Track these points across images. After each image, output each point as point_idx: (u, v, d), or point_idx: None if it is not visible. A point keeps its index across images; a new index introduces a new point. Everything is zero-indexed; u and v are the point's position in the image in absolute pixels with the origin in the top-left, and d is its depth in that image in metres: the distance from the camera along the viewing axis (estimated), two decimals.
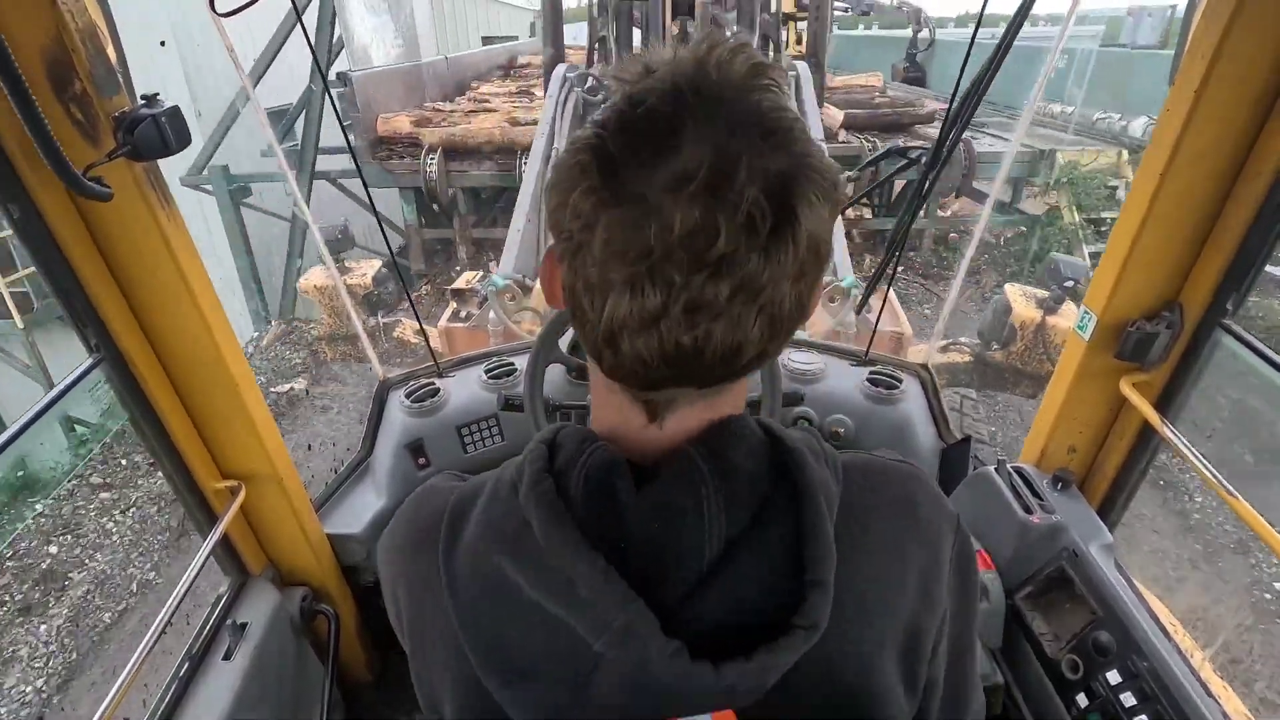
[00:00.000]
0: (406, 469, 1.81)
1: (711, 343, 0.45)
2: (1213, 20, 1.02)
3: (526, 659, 0.53)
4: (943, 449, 1.81)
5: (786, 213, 0.42)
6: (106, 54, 0.96)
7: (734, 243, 0.41)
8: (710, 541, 0.50)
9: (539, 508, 0.51)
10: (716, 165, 0.41)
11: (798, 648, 0.50)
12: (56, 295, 1.03)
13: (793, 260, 0.43)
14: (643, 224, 0.41)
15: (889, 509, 0.59)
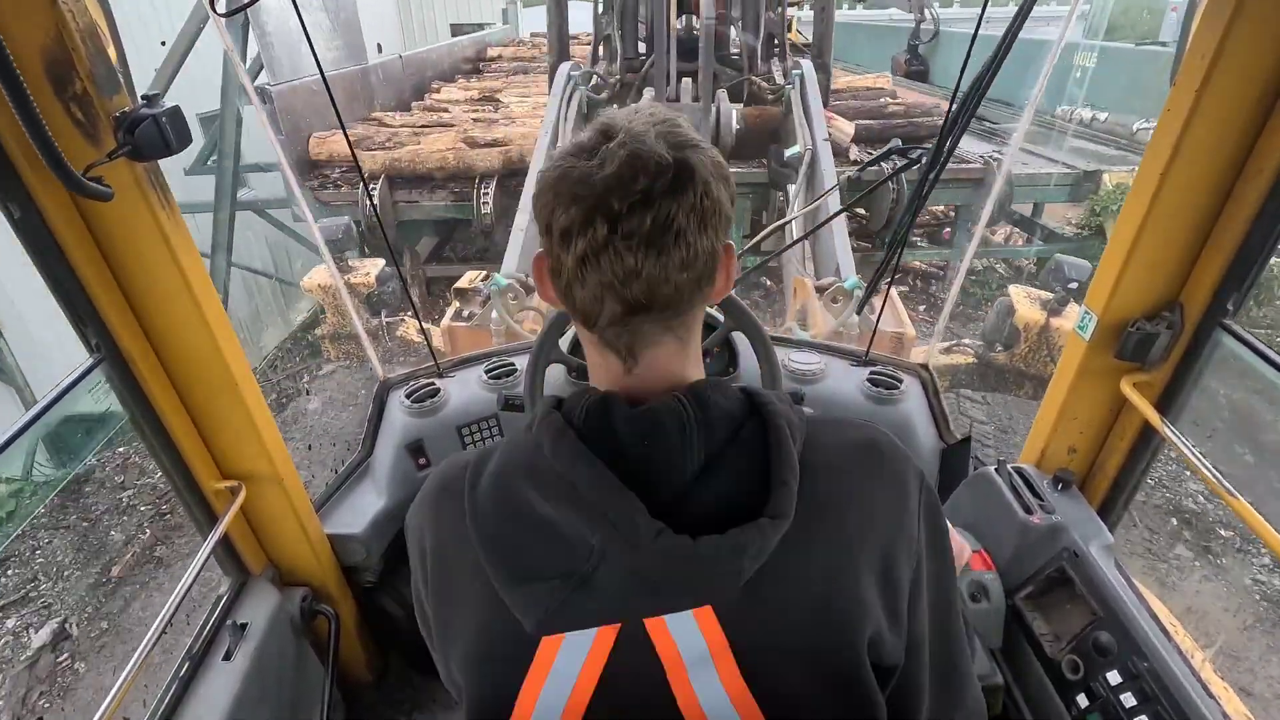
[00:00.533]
0: (406, 469, 1.81)
1: (646, 264, 0.59)
2: (1213, 20, 1.02)
3: (536, 563, 0.62)
4: (943, 449, 1.81)
5: (685, 166, 0.59)
6: (107, 54, 0.96)
7: (649, 180, 0.58)
8: (691, 457, 0.62)
9: (549, 432, 0.63)
10: (636, 136, 0.59)
11: (765, 532, 0.59)
12: (57, 295, 1.02)
13: (694, 202, 0.59)
14: (588, 177, 0.59)
15: (851, 445, 0.71)
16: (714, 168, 0.62)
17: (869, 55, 14.20)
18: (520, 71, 11.70)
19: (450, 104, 9.13)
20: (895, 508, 0.68)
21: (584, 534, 0.60)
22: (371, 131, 7.41)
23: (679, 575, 0.59)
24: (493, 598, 0.64)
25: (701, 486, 0.62)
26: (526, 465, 0.64)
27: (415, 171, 6.62)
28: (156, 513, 4.86)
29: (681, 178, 0.59)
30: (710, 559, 0.58)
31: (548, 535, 0.62)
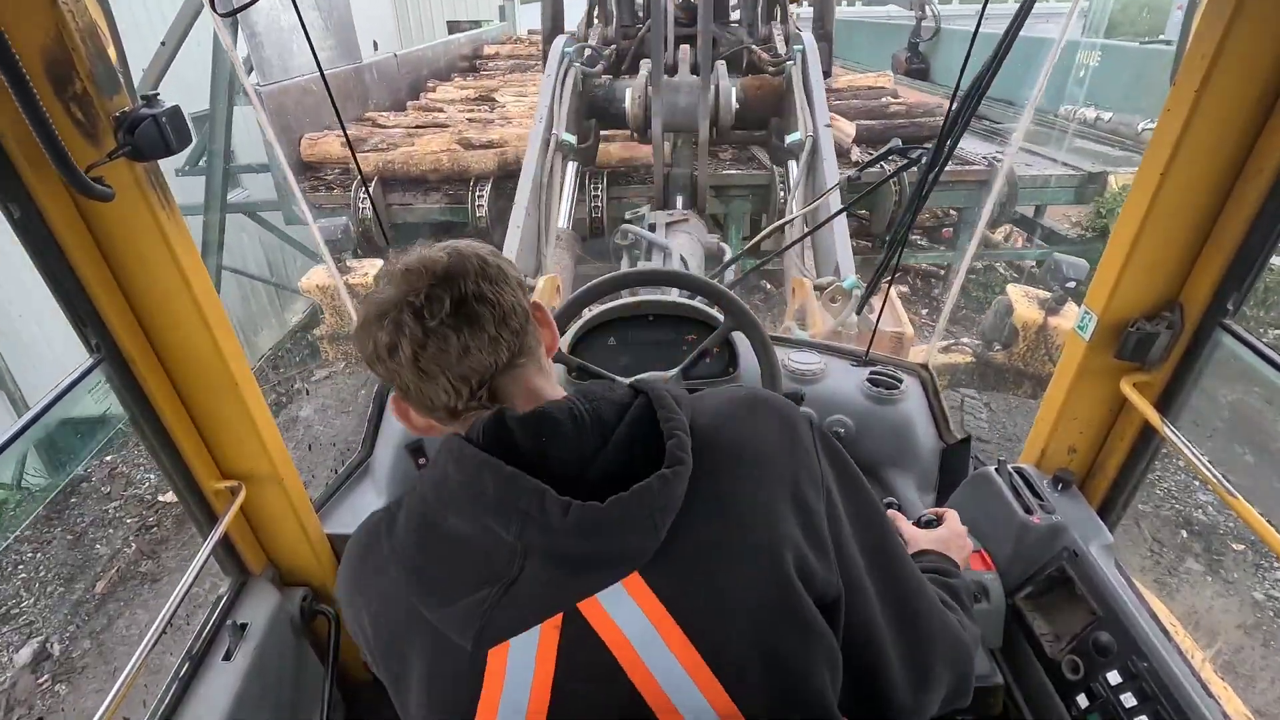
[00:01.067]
0: (407, 469, 1.81)
1: (469, 341, 0.67)
2: (1213, 20, 1.02)
3: (461, 580, 0.64)
4: (943, 449, 1.81)
5: (454, 257, 0.70)
6: (107, 53, 0.96)
7: (430, 279, 0.68)
8: (586, 439, 0.66)
9: (450, 453, 0.66)
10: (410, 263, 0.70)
11: (670, 482, 0.62)
12: (57, 295, 1.02)
13: (474, 282, 0.68)
14: (381, 296, 0.69)
15: (734, 400, 0.76)
16: (492, 278, 0.70)
17: (868, 53, 13.88)
18: (517, 70, 11.52)
19: (445, 103, 8.97)
20: (788, 443, 0.72)
21: (501, 536, 0.62)
22: (365, 132, 7.26)
23: (596, 543, 0.61)
24: (433, 632, 0.65)
25: (600, 461, 0.65)
26: (435, 493, 0.67)
27: (409, 174, 6.50)
28: (143, 525, 4.78)
29: (451, 267, 0.68)
30: (621, 519, 0.60)
31: (467, 551, 0.64)
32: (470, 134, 6.85)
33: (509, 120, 7.70)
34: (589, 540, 0.60)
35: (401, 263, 0.69)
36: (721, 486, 0.66)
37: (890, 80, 9.73)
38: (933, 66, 12.16)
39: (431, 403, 0.70)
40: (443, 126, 7.49)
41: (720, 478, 0.67)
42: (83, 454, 5.29)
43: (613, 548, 0.61)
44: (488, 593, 0.62)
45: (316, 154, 6.83)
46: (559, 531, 0.60)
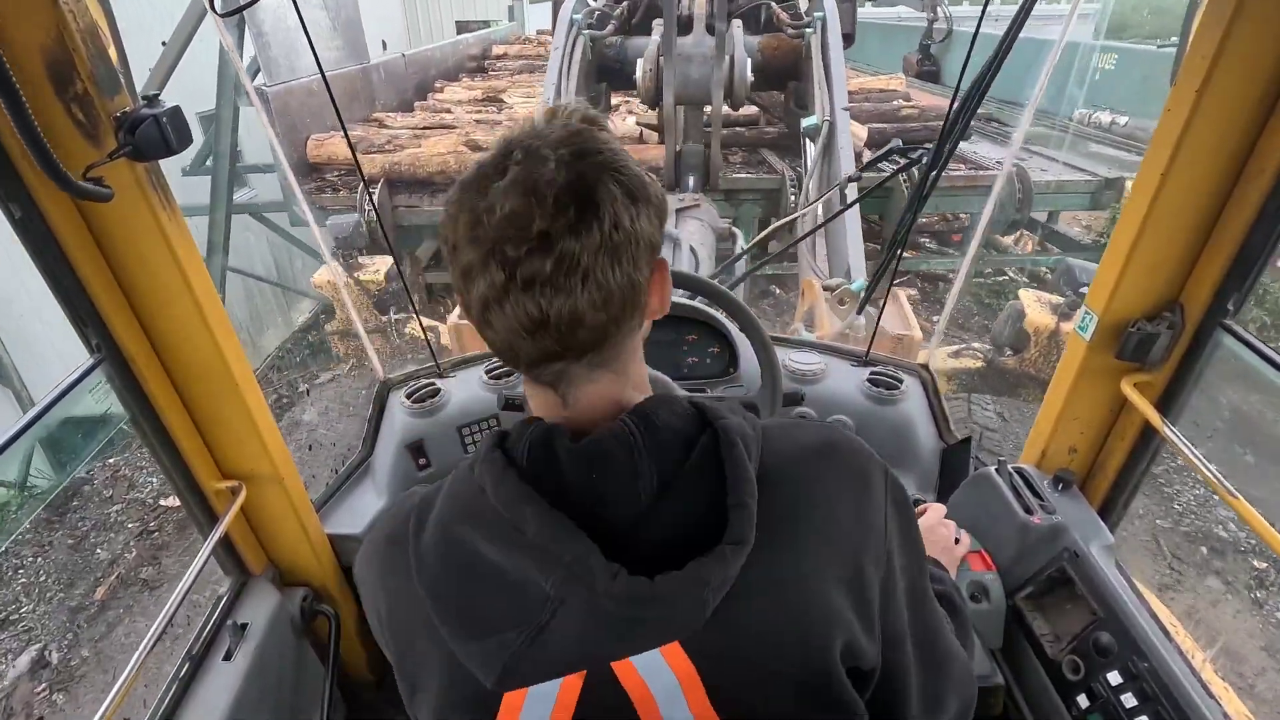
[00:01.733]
0: (407, 469, 1.81)
1: (553, 310, 0.54)
2: (1213, 20, 1.02)
3: (488, 616, 0.58)
4: (943, 449, 1.81)
5: (589, 200, 0.53)
6: (108, 54, 0.96)
7: (546, 222, 0.52)
8: (643, 485, 0.58)
9: (490, 471, 0.59)
10: (529, 166, 0.54)
11: (727, 560, 0.55)
12: (57, 295, 1.03)
13: (600, 239, 0.54)
14: (482, 216, 0.54)
15: (808, 450, 0.66)
16: (626, 193, 0.55)
17: (879, 55, 13.76)
18: (526, 70, 11.48)
19: (453, 104, 8.92)
20: (859, 508, 0.65)
21: (537, 580, 0.56)
22: (371, 133, 7.18)
23: (641, 616, 0.55)
24: (450, 654, 0.60)
25: (656, 515, 0.58)
26: (470, 510, 0.60)
27: (415, 175, 6.40)
28: (144, 530, 4.72)
29: (585, 211, 0.53)
30: (672, 597, 0.54)
31: (498, 585, 0.58)
32: (478, 135, 6.78)
33: (516, 122, 7.62)
34: (632, 612, 0.55)
35: (530, 156, 0.54)
36: (778, 558, 0.60)
37: (903, 83, 9.48)
38: (945, 69, 11.94)
39: (490, 341, 0.60)
40: (450, 128, 7.46)
41: (779, 548, 0.60)
42: (85, 453, 5.28)
43: (658, 622, 0.56)
44: (515, 636, 0.57)
45: (322, 155, 6.78)
46: (601, 597, 0.54)
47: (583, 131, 0.57)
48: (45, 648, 3.86)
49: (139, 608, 4.09)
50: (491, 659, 0.58)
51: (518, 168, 0.54)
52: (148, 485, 5.18)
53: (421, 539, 0.62)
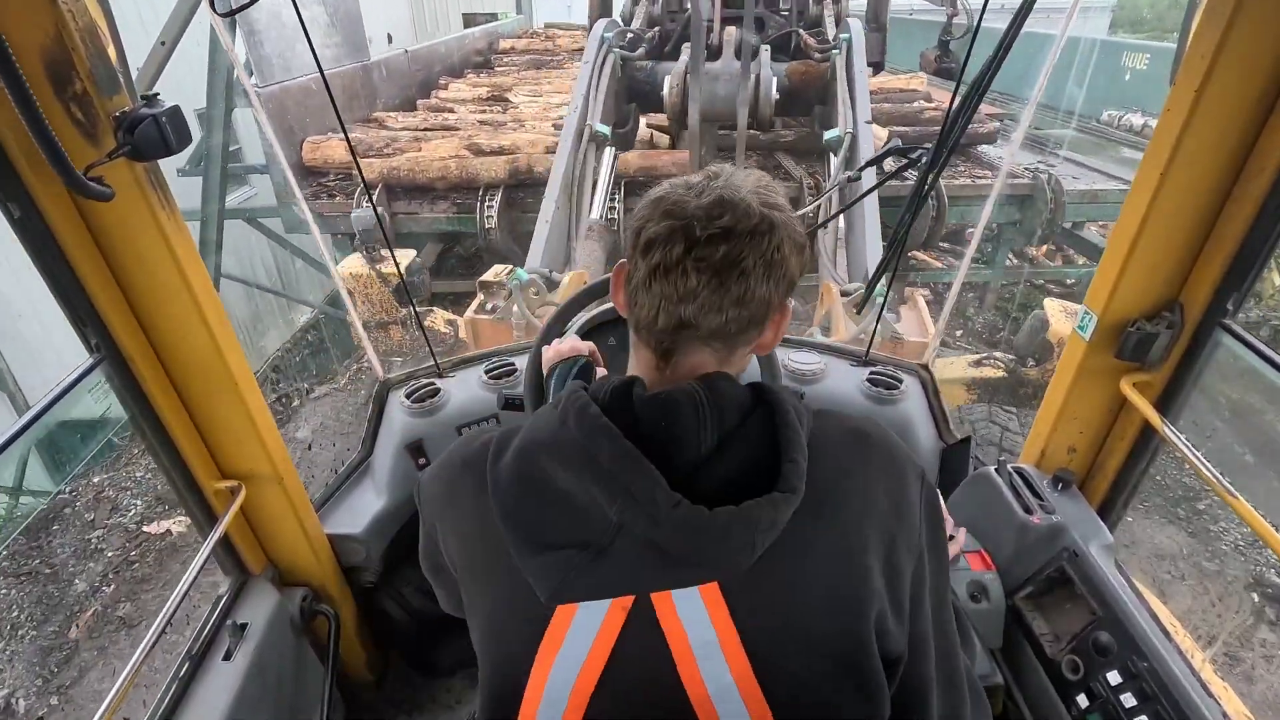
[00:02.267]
0: (406, 469, 1.81)
1: (706, 289, 0.65)
2: (1213, 20, 1.02)
3: (553, 534, 0.64)
4: (943, 449, 1.81)
5: (768, 220, 0.66)
6: (107, 53, 0.96)
7: (732, 221, 0.65)
8: (705, 435, 0.65)
9: (575, 406, 0.66)
10: (731, 188, 0.67)
11: (778, 505, 0.61)
12: (56, 295, 1.02)
13: (766, 254, 0.65)
14: (684, 204, 0.67)
15: (856, 435, 0.74)
16: (793, 234, 0.68)
17: (895, 50, 13.57)
18: (533, 66, 11.24)
19: (457, 103, 8.68)
20: (896, 497, 0.71)
21: (602, 506, 0.62)
22: (370, 135, 6.97)
23: (694, 546, 0.61)
24: (511, 570, 0.66)
25: (714, 463, 0.64)
26: (550, 439, 0.66)
27: (415, 181, 6.22)
28: (124, 560, 4.48)
29: (761, 228, 0.65)
30: (724, 529, 0.60)
31: (566, 508, 0.64)
32: (481, 139, 6.62)
33: (521, 123, 7.49)
34: (687, 541, 0.60)
35: (732, 180, 0.68)
36: (822, 526, 0.66)
37: (924, 82, 9.15)
38: (965, 67, 11.74)
39: (636, 304, 0.70)
40: (452, 129, 7.28)
41: (822, 516, 0.66)
42: (78, 460, 5.22)
43: (707, 554, 0.61)
44: (575, 555, 0.63)
45: (319, 159, 6.62)
46: (662, 524, 0.60)
47: (773, 185, 0.69)
48: (12, 694, 3.63)
49: (114, 650, 3.87)
50: (550, 573, 0.64)
51: (720, 188, 0.67)
52: (131, 508, 5.01)
53: (500, 462, 0.69)
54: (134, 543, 4.66)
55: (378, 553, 1.76)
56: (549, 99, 8.62)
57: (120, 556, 4.54)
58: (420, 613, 1.83)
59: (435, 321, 5.03)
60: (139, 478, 5.34)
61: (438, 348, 5.05)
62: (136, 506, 5.02)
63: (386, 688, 1.93)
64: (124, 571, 4.42)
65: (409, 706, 1.91)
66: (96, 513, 4.97)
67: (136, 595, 4.23)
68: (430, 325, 5.02)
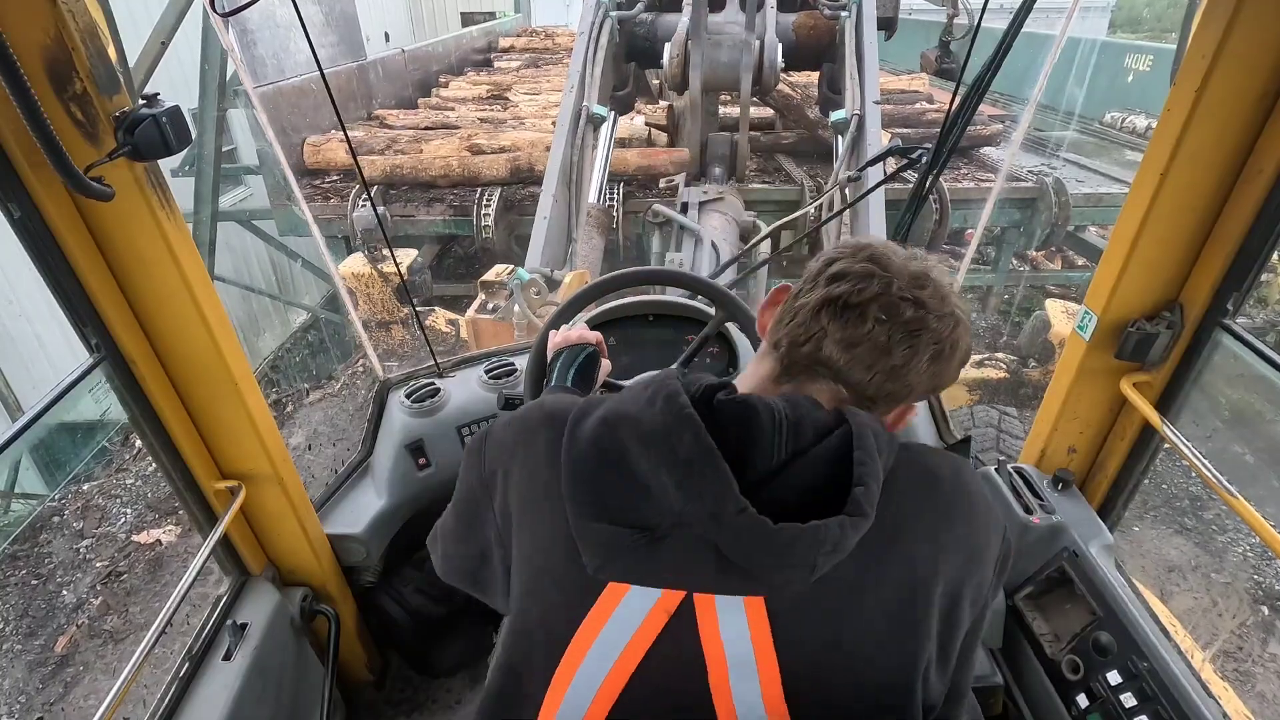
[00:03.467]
0: (406, 469, 1.81)
1: (866, 344, 0.67)
2: (1213, 20, 1.02)
3: (616, 508, 0.64)
4: (943, 449, 1.81)
5: (955, 328, 0.68)
6: (107, 53, 0.96)
7: (916, 310, 0.67)
8: (779, 447, 0.63)
9: (664, 392, 0.65)
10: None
11: (845, 529, 0.59)
12: (57, 295, 1.02)
13: (933, 342, 0.67)
14: (886, 269, 0.68)
15: (944, 476, 0.70)
16: (967, 341, 0.70)
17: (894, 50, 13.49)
18: (532, 65, 11.20)
19: (457, 102, 8.67)
20: (970, 547, 0.68)
21: (669, 494, 0.61)
22: (371, 135, 6.87)
23: (752, 555, 0.59)
24: (566, 534, 0.65)
25: (784, 477, 0.63)
26: (635, 417, 0.65)
27: (418, 179, 6.16)
28: (112, 571, 4.29)
29: (950, 318, 0.68)
30: (787, 547, 0.58)
31: (635, 486, 0.63)
32: (481, 139, 6.57)
33: (522, 121, 7.47)
34: (746, 549, 0.59)
35: (933, 268, 0.69)
36: (889, 562, 0.63)
37: (926, 83, 8.92)
38: (968, 67, 11.51)
39: (787, 319, 0.71)
40: (453, 128, 7.23)
41: (892, 552, 0.63)
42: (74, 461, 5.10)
43: (764, 567, 0.60)
44: (630, 534, 0.62)
45: (320, 160, 6.48)
46: (724, 527, 0.59)
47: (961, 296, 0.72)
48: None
49: (101, 664, 3.68)
50: (602, 545, 0.63)
51: (928, 268, 0.70)
52: (121, 516, 4.80)
53: (580, 428, 0.68)
54: (123, 554, 4.46)
55: (378, 553, 1.76)
56: (548, 97, 8.61)
57: (109, 567, 4.32)
58: (420, 613, 1.83)
59: (436, 321, 5.02)
60: (129, 485, 5.19)
61: (440, 347, 5.06)
62: (126, 515, 4.84)
63: (386, 688, 1.93)
64: (112, 584, 4.22)
65: (409, 706, 1.91)
66: (85, 522, 4.79)
67: (125, 608, 4.04)
68: (431, 325, 5.02)
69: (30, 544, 4.61)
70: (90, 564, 4.41)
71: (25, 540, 4.62)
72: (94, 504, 4.93)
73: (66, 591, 4.19)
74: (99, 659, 3.74)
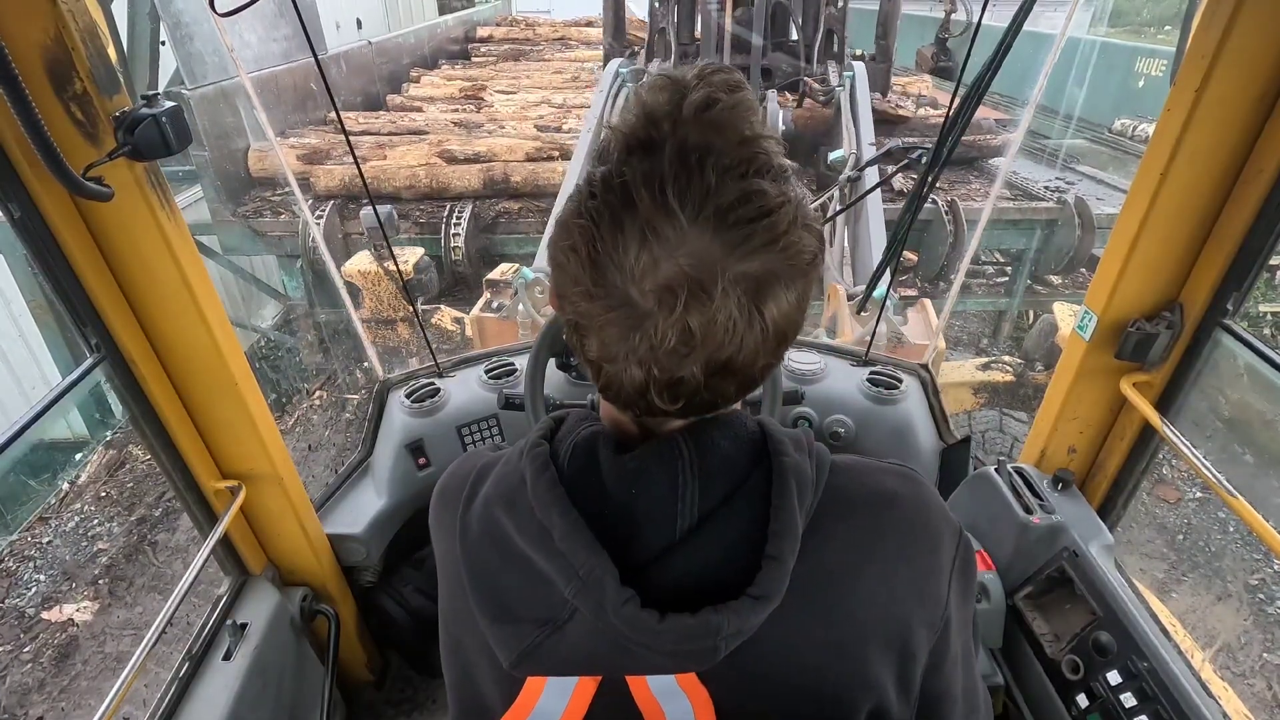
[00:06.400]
0: (406, 469, 1.81)
1: (692, 403, 0.53)
2: (1213, 20, 1.02)
3: (513, 602, 0.59)
4: (943, 449, 1.81)
5: (756, 315, 0.49)
6: (107, 53, 0.96)
7: (709, 345, 0.49)
8: (683, 511, 0.55)
9: (531, 467, 0.58)
10: (697, 279, 0.47)
11: (745, 614, 0.53)
12: (56, 295, 1.03)
13: (761, 347, 0.51)
14: (631, 331, 0.50)
15: (876, 499, 0.61)
16: (793, 278, 0.53)
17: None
18: (511, 58, 10.73)
19: (427, 101, 7.90)
20: (921, 573, 0.61)
21: (557, 581, 0.56)
22: (325, 140, 6.12)
23: (651, 644, 0.54)
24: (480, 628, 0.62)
25: (687, 547, 0.55)
26: (509, 498, 0.60)
27: (379, 190, 5.51)
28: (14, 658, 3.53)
29: (752, 325, 0.53)
30: (681, 638, 0.53)
31: (527, 574, 0.58)
32: (453, 144, 5.88)
33: (500, 125, 6.80)
34: (641, 639, 0.53)
35: None
36: (815, 616, 0.57)
37: (928, 85, 8.45)
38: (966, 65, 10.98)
39: (584, 358, 0.57)
40: (421, 133, 6.45)
41: (819, 603, 0.57)
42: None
43: (665, 655, 0.54)
44: (532, 629, 0.57)
45: (266, 169, 5.73)
46: (610, 612, 0.53)
47: (753, 185, 0.50)
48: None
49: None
50: (510, 642, 0.58)
51: (677, 267, 0.51)
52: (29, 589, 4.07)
53: (470, 511, 0.63)
54: (29, 634, 3.72)
55: (378, 553, 1.76)
56: (527, 95, 8.09)
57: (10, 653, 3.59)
58: (420, 612, 1.83)
59: (442, 319, 5.02)
60: (45, 544, 4.47)
61: (447, 345, 5.07)
62: (40, 583, 4.15)
63: (386, 688, 1.93)
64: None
65: (409, 706, 1.91)
66: None
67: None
68: (437, 323, 5.02)
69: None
70: None
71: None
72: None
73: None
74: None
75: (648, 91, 0.50)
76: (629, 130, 0.50)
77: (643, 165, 0.48)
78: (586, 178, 0.52)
